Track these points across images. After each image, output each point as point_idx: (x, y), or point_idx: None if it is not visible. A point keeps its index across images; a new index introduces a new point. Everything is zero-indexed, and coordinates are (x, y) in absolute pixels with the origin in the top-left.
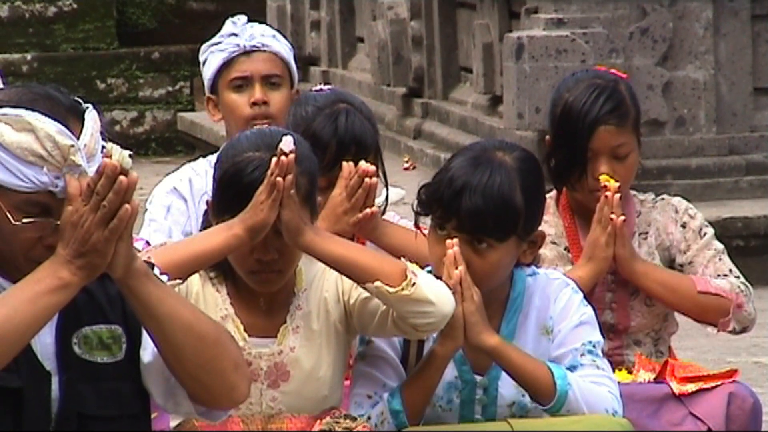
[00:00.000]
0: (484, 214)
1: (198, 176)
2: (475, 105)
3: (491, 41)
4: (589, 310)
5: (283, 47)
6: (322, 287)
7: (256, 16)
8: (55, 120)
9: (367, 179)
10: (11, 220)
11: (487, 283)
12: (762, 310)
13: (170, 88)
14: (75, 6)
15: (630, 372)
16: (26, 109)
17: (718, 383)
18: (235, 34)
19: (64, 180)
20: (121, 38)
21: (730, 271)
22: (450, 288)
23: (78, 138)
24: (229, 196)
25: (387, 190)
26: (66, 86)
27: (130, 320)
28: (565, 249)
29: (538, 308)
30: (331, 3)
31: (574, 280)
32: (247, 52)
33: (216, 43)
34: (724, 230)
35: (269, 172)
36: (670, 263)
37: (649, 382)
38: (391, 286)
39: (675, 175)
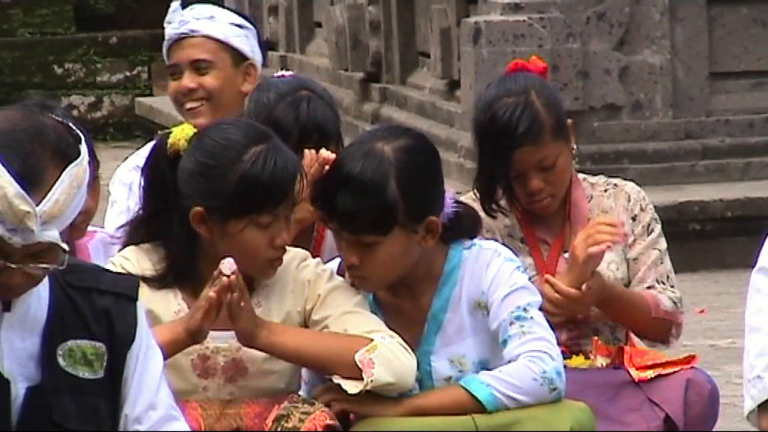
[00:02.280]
0: (356, 213)
1: None
2: (432, 90)
3: (449, 26)
4: (522, 276)
5: (219, 28)
6: (285, 284)
7: (213, 2)
8: (21, 179)
9: (327, 167)
10: None
11: (389, 273)
12: (717, 294)
13: (128, 73)
14: None
15: (587, 357)
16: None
17: (677, 369)
18: (170, 22)
19: (20, 236)
20: (79, 23)
21: (668, 278)
22: None
23: (44, 198)
24: (257, 195)
25: None
26: (24, 71)
27: (117, 340)
28: (521, 240)
29: (472, 281)
30: None
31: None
32: (177, 41)
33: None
34: (680, 214)
35: (206, 287)
36: (622, 254)
37: (606, 367)
38: (351, 381)
39: (631, 159)
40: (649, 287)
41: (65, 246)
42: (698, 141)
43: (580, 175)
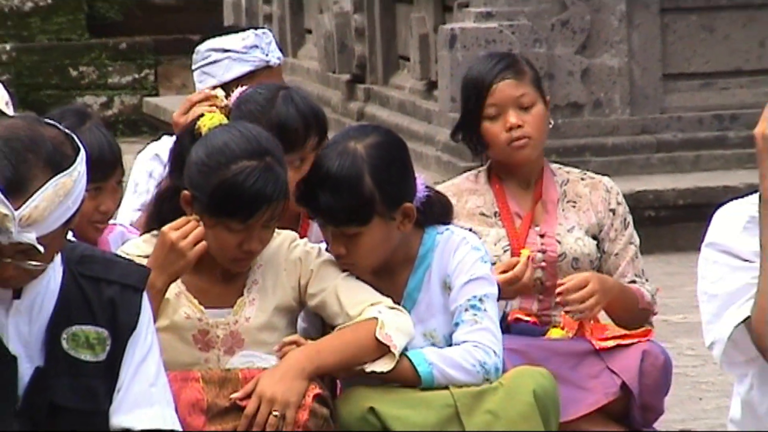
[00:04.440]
0: (336, 208)
1: None
2: (412, 90)
3: (427, 32)
4: (484, 267)
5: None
6: (280, 264)
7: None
8: (6, 184)
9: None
10: None
11: (374, 258)
12: (670, 274)
13: (136, 75)
14: (49, 1)
15: (562, 329)
16: None
17: (634, 341)
18: (257, 47)
19: (3, 235)
20: (91, 30)
21: (643, 272)
22: None
23: (24, 203)
24: (230, 204)
25: None
26: (41, 74)
27: (119, 328)
28: (495, 214)
29: (441, 264)
30: None
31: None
32: (269, 67)
33: (235, 51)
34: (637, 202)
35: None
36: (594, 237)
37: (571, 337)
38: (379, 361)
39: (593, 152)
40: (631, 282)
41: (41, 248)
42: (653, 136)
43: (555, 165)
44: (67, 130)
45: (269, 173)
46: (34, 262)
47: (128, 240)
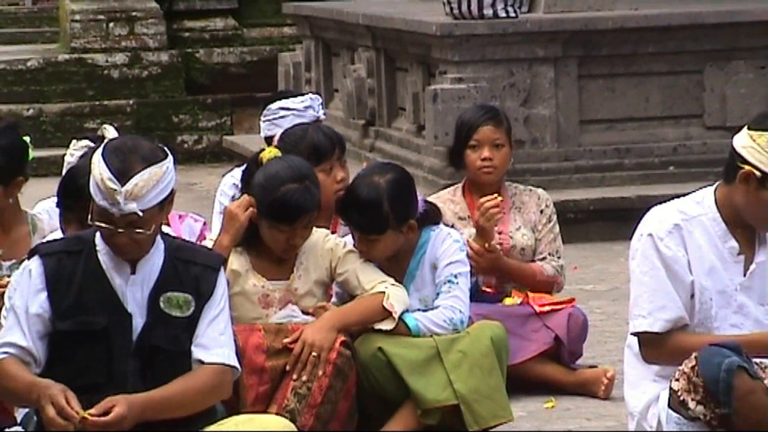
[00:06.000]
0: (362, 222)
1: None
2: (408, 130)
3: (418, 91)
4: (461, 253)
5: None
6: (318, 252)
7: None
8: (112, 165)
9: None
10: (90, 219)
11: (384, 255)
12: (584, 257)
13: (218, 121)
14: (159, 70)
15: (513, 298)
16: (103, 156)
17: (563, 306)
18: (311, 107)
19: (115, 208)
20: (188, 90)
21: (557, 252)
22: None
23: (125, 182)
24: (280, 214)
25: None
26: (153, 120)
27: (200, 295)
28: (468, 218)
29: (432, 250)
30: (318, 67)
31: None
32: (318, 120)
33: (297, 110)
34: (561, 208)
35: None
36: (532, 231)
37: (519, 305)
38: (384, 322)
39: (531, 173)
40: (542, 258)
41: (140, 212)
42: (572, 162)
43: (508, 182)
44: (159, 144)
45: (306, 193)
46: (139, 230)
47: (195, 227)
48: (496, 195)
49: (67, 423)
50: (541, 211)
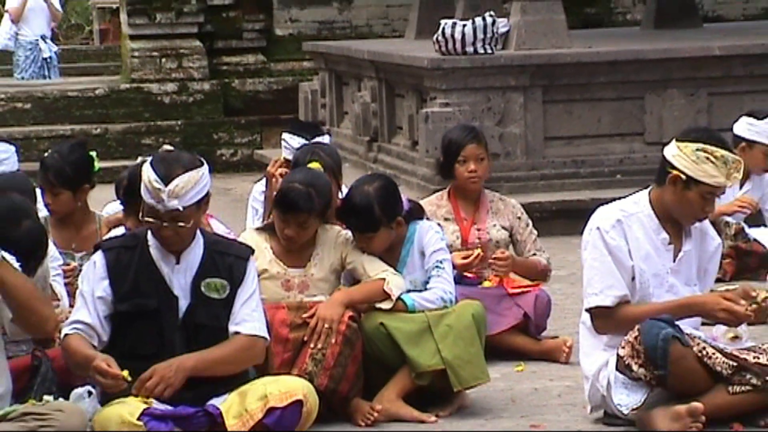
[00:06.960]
0: (358, 225)
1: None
2: (404, 145)
3: (412, 113)
4: (442, 243)
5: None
6: (331, 244)
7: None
8: (158, 171)
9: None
10: (141, 215)
11: (380, 248)
12: (548, 248)
13: (250, 137)
14: (202, 97)
15: (490, 281)
16: (151, 164)
17: (531, 288)
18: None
19: (161, 205)
20: (225, 113)
21: (540, 248)
22: None
23: (168, 184)
24: (279, 202)
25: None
26: (197, 137)
27: (233, 280)
28: (453, 218)
29: (419, 240)
30: (331, 94)
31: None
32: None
33: (303, 137)
34: (530, 208)
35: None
36: (506, 229)
37: (495, 287)
38: (384, 303)
39: (504, 180)
40: (533, 254)
41: (181, 208)
42: (538, 172)
43: (486, 190)
44: (198, 155)
45: (305, 195)
46: (181, 224)
47: (220, 228)
48: (503, 250)
49: (113, 383)
50: (519, 218)
